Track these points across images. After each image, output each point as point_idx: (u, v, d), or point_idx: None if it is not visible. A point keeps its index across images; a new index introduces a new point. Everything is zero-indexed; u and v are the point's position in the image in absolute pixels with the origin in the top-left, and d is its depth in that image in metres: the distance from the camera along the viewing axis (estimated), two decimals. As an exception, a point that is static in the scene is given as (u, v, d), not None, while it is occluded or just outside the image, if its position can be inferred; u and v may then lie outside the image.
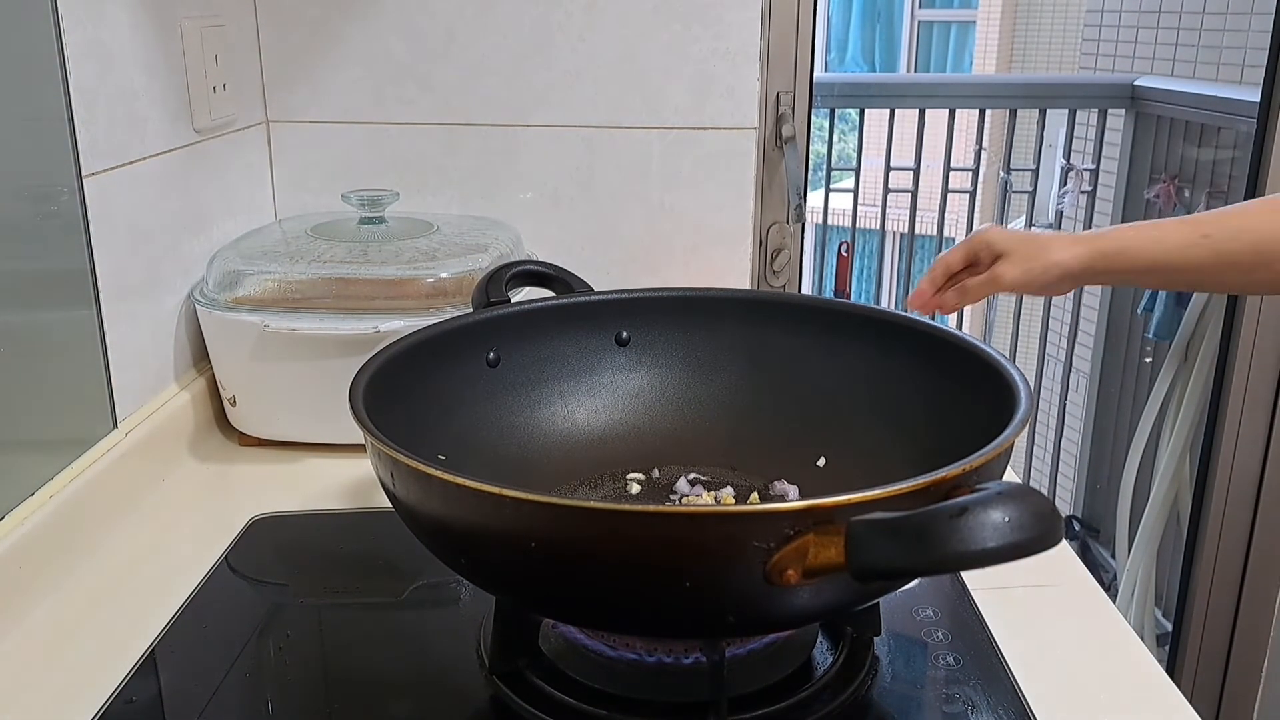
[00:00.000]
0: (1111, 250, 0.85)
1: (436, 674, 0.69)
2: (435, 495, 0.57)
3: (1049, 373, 2.94)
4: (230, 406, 1.00)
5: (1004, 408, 0.63)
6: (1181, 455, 1.90)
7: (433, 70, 1.16)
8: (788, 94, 1.22)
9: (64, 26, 0.81)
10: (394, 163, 1.18)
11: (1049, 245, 0.85)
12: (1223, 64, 2.73)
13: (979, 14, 7.71)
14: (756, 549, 0.51)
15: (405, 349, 0.73)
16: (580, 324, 0.83)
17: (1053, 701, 0.64)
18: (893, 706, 0.65)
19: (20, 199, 0.78)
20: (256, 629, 0.73)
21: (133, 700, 0.65)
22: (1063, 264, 0.84)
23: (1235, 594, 1.57)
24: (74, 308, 0.85)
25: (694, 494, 0.81)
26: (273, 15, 1.15)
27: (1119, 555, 2.14)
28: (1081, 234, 0.86)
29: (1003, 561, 0.45)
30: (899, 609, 0.72)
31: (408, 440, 0.59)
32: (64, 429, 0.84)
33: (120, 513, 0.86)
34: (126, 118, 0.91)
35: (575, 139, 1.17)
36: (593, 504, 0.62)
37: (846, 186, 3.22)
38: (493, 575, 0.61)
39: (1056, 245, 0.85)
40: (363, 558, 0.84)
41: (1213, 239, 0.83)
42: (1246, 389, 1.51)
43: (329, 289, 0.97)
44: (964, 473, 0.53)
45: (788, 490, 0.80)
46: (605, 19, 1.13)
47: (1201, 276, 0.85)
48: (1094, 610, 0.76)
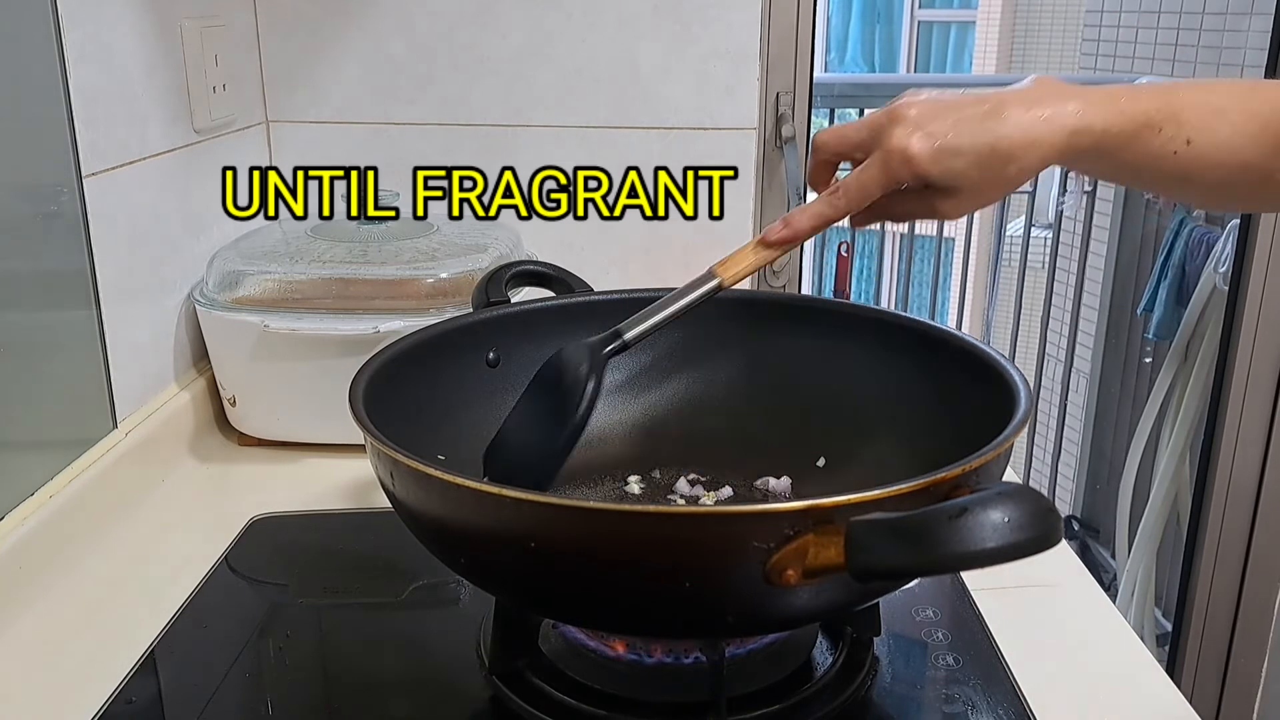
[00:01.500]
0: (1095, 151, 0.63)
1: (436, 674, 0.69)
2: (435, 495, 0.57)
3: (1049, 373, 2.94)
4: (230, 406, 1.00)
5: (1003, 408, 0.63)
6: (1181, 455, 1.90)
7: (433, 70, 1.16)
8: (788, 94, 1.22)
9: (64, 26, 0.81)
10: (394, 163, 1.18)
11: (1009, 168, 0.62)
12: (1222, 64, 2.73)
13: (979, 14, 7.71)
14: (756, 549, 0.51)
15: (405, 349, 0.73)
16: (580, 324, 0.83)
17: (1053, 701, 0.64)
18: (893, 707, 0.65)
19: (20, 199, 0.78)
20: (256, 629, 0.73)
21: (133, 700, 0.65)
22: (1024, 181, 0.64)
23: (1235, 594, 1.57)
24: (74, 308, 0.85)
25: (693, 494, 0.81)
26: (273, 15, 1.15)
27: (1119, 555, 2.14)
28: (1051, 118, 0.61)
29: (1002, 562, 0.45)
30: (899, 609, 0.72)
31: (407, 440, 0.59)
32: (64, 429, 0.84)
33: (120, 513, 0.86)
34: (126, 118, 0.91)
35: (575, 139, 1.17)
36: (592, 504, 0.62)
37: (846, 187, 3.21)
38: (492, 575, 0.61)
39: (1019, 165, 0.62)
40: (363, 558, 0.84)
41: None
42: (1246, 389, 1.51)
43: (329, 289, 0.97)
44: (964, 473, 0.53)
45: (768, 480, 0.80)
46: (605, 19, 1.13)
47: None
48: (1094, 610, 0.76)
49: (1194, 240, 2.10)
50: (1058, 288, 2.93)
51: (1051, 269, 2.93)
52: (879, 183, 0.64)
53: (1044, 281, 2.95)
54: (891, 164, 0.63)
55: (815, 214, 0.67)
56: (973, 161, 0.62)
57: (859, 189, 0.65)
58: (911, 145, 0.62)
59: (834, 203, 0.66)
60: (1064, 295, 2.90)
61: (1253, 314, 1.49)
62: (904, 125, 0.62)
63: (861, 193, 0.65)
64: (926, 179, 0.63)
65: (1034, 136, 0.61)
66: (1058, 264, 2.94)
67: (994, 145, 0.61)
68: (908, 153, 0.62)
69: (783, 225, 0.68)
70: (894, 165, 0.63)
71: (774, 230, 0.69)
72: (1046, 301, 2.89)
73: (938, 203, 0.65)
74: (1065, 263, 2.94)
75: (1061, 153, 0.62)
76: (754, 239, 0.70)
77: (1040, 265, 3.09)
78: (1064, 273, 2.94)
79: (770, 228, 0.69)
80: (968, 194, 0.64)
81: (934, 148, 0.62)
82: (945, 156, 0.62)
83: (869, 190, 0.65)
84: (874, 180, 0.64)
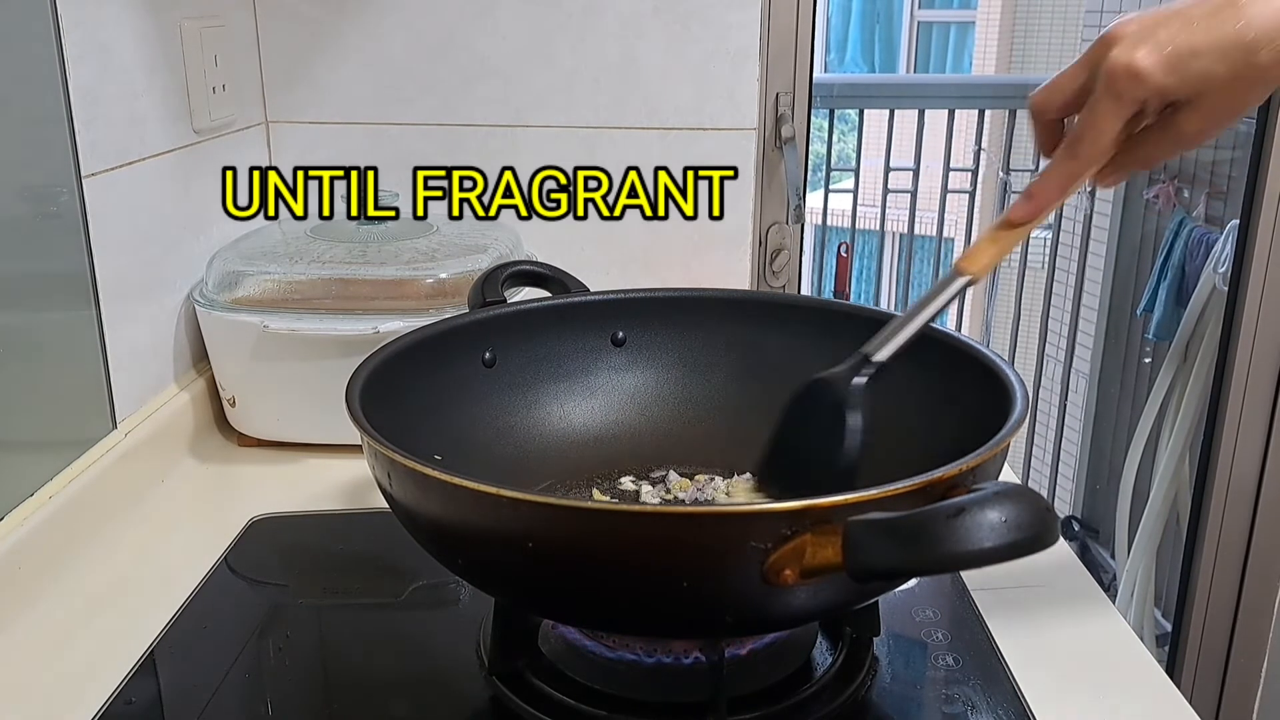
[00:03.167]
0: None
1: (436, 674, 0.69)
2: (432, 495, 0.57)
3: (1049, 373, 2.94)
4: (230, 407, 1.01)
5: (1000, 408, 0.63)
6: (1181, 455, 1.90)
7: (433, 70, 1.16)
8: (787, 94, 1.22)
9: (64, 27, 0.81)
10: (394, 163, 1.18)
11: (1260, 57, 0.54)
12: (1222, 64, 2.73)
13: (978, 14, 7.71)
14: (754, 549, 0.51)
15: (401, 349, 0.73)
16: (576, 324, 0.83)
17: (1053, 702, 0.64)
18: (892, 707, 0.65)
19: (20, 199, 0.78)
20: (256, 629, 0.73)
21: (132, 700, 0.65)
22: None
23: (1235, 594, 1.57)
24: (74, 308, 0.85)
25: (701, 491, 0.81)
26: (272, 15, 1.16)
27: (1119, 555, 2.14)
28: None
29: (1000, 561, 0.45)
30: (899, 609, 0.73)
31: (404, 440, 0.59)
32: (63, 429, 0.84)
33: (120, 513, 0.86)
34: (126, 118, 0.91)
35: (575, 139, 1.17)
36: (590, 504, 0.62)
37: (846, 187, 3.22)
38: (490, 576, 0.61)
39: (1272, 51, 0.54)
40: (362, 558, 0.84)
41: None
42: (1246, 389, 1.51)
43: (329, 289, 0.97)
44: (961, 473, 0.54)
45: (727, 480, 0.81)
46: (605, 19, 1.13)
47: None
48: (1094, 610, 0.76)
49: (1194, 240, 2.10)
50: (1057, 288, 2.93)
51: (1051, 269, 2.93)
52: (1114, 113, 0.56)
53: (1043, 281, 2.95)
54: (1119, 86, 0.55)
55: (1060, 175, 0.59)
56: (1216, 57, 0.53)
57: (1093, 131, 0.56)
58: (1137, 59, 0.54)
59: (1073, 153, 0.58)
60: (1063, 295, 2.90)
61: (1252, 314, 1.49)
62: (1122, 44, 0.55)
63: (1097, 134, 0.57)
64: (1164, 92, 0.54)
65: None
66: (1057, 264, 2.94)
67: (1237, 36, 0.53)
68: (1134, 67, 0.54)
69: (1026, 199, 0.60)
70: (1122, 87, 0.54)
71: (1018, 207, 0.60)
72: (1046, 301, 2.89)
73: (1185, 121, 0.56)
74: (1065, 263, 2.94)
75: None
76: (993, 224, 0.62)
77: (1040, 265, 3.09)
78: (1063, 273, 2.94)
79: (1013, 205, 0.61)
80: (1216, 100, 0.55)
81: (1164, 55, 0.54)
82: (1182, 60, 0.54)
83: (1104, 129, 0.56)
84: (1108, 113, 0.56)
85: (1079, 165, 0.58)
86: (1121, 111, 0.56)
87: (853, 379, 0.65)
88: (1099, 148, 0.57)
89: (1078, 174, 0.58)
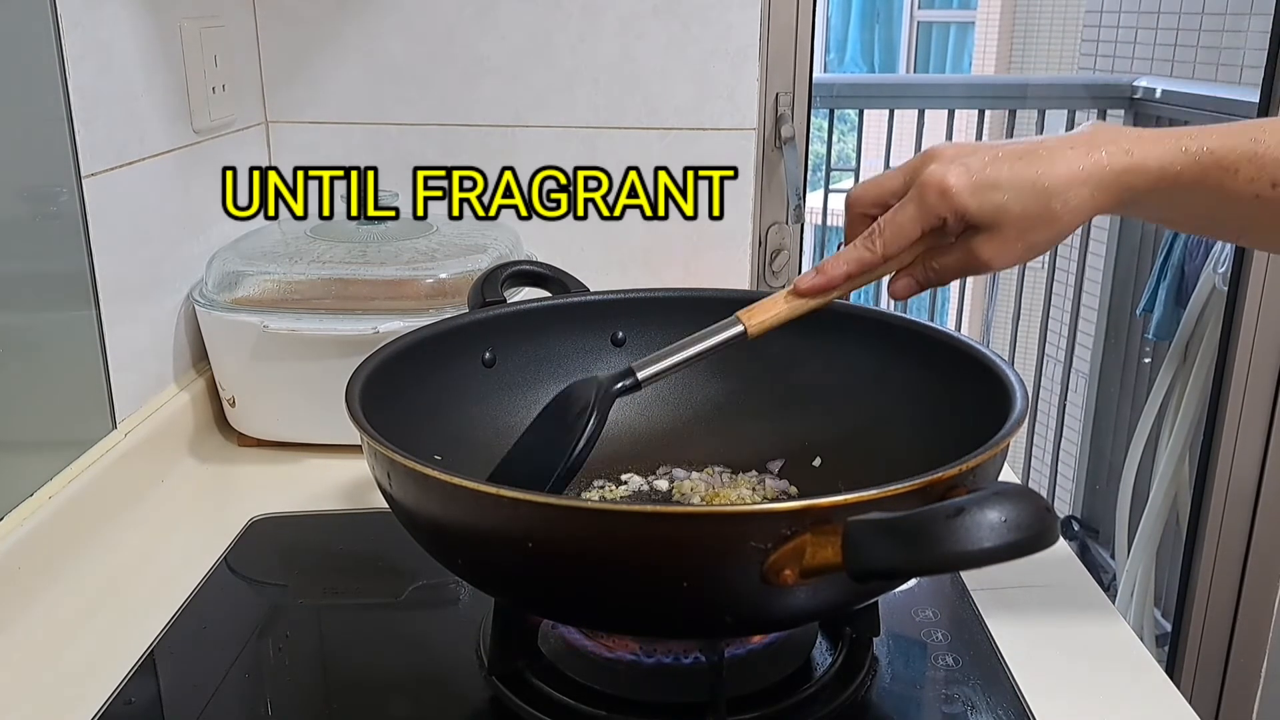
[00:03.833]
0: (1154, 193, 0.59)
1: (436, 674, 0.69)
2: (432, 495, 0.57)
3: (1049, 373, 2.94)
4: (229, 407, 1.01)
5: (1000, 408, 0.63)
6: (1181, 455, 1.90)
7: (433, 70, 1.16)
8: (787, 94, 1.22)
9: (64, 27, 0.81)
10: (394, 163, 1.18)
11: (1053, 204, 0.59)
12: (1222, 64, 2.73)
13: (978, 14, 7.70)
14: (753, 549, 0.51)
15: (401, 349, 0.73)
16: (576, 324, 0.83)
17: (1052, 702, 0.64)
18: (892, 707, 0.65)
19: (20, 199, 0.78)
20: (256, 629, 0.73)
21: (132, 701, 0.65)
22: (1076, 224, 0.60)
23: (1235, 594, 1.57)
24: (73, 308, 0.85)
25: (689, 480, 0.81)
26: (272, 15, 1.16)
27: (1118, 555, 2.14)
28: (1099, 158, 0.59)
29: (999, 561, 0.45)
30: (898, 609, 0.73)
31: (404, 440, 0.59)
32: (63, 430, 0.84)
33: (119, 513, 0.86)
34: (126, 118, 0.91)
35: (575, 139, 1.17)
36: (589, 504, 0.62)
37: (846, 187, 3.22)
38: (490, 576, 0.61)
39: (1064, 202, 0.59)
40: (362, 558, 0.84)
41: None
42: (1246, 389, 1.51)
43: (328, 289, 0.97)
44: (960, 473, 0.54)
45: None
46: (605, 19, 1.13)
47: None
48: (1093, 611, 0.76)
49: (1193, 241, 2.10)
50: (1057, 288, 2.93)
51: (1051, 269, 2.93)
52: (916, 219, 0.60)
53: (1043, 281, 2.95)
54: (928, 198, 0.59)
55: (851, 259, 0.63)
56: (1013, 196, 0.58)
57: (895, 229, 0.61)
58: (949, 177, 0.59)
59: (870, 245, 0.62)
60: (1063, 295, 2.90)
61: (1252, 314, 1.49)
62: (940, 161, 0.60)
63: (898, 233, 0.61)
64: (964, 213, 0.59)
65: (1079, 172, 0.58)
66: (1057, 264, 2.94)
67: (1035, 180, 0.58)
68: (944, 184, 0.59)
69: (816, 273, 0.64)
70: (930, 199, 0.59)
71: (806, 278, 0.64)
72: (1046, 301, 2.89)
73: (980, 247, 0.60)
74: (1065, 263, 2.94)
75: (1112, 191, 0.59)
76: (785, 288, 0.66)
77: (1039, 265, 3.09)
78: (1063, 273, 2.94)
79: (803, 276, 0.65)
80: (1011, 233, 0.59)
81: (971, 180, 0.58)
82: (983, 189, 0.58)
83: (906, 230, 0.61)
84: (910, 217, 0.60)
85: (871, 256, 0.62)
86: (923, 219, 0.60)
87: (611, 387, 0.67)
88: (895, 244, 0.62)
89: (869, 264, 0.63)
